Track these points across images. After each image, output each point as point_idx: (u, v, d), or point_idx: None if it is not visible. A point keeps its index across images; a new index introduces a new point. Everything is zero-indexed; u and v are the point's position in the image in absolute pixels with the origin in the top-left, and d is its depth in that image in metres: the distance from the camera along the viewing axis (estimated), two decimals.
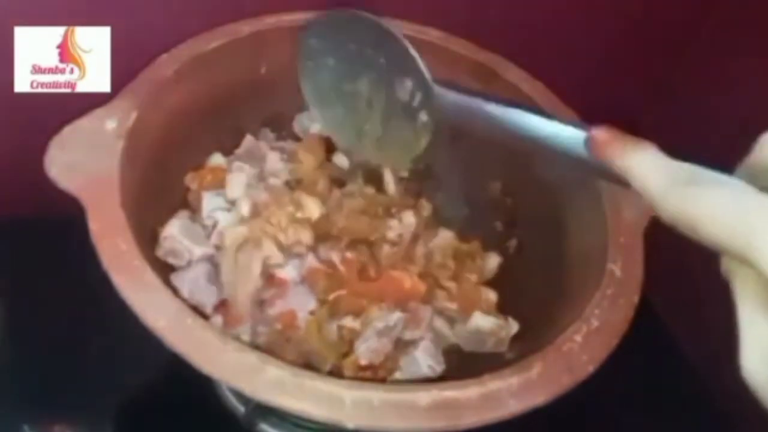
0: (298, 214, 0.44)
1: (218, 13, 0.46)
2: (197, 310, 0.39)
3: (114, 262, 0.33)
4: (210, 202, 0.45)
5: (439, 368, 0.42)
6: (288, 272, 0.42)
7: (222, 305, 0.42)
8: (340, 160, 0.53)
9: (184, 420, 0.48)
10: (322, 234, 0.44)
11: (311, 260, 0.43)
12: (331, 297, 0.42)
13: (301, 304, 0.42)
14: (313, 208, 0.44)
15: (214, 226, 0.43)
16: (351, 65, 0.39)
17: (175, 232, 0.41)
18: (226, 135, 0.50)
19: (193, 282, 0.41)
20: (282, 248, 0.43)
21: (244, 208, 0.44)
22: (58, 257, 0.52)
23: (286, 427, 0.45)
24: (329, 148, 0.52)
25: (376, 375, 0.41)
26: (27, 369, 0.49)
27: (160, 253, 0.41)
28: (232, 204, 0.45)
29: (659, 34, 0.60)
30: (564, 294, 0.40)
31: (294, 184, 0.48)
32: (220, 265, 0.42)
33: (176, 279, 0.41)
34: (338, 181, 0.50)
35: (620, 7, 0.57)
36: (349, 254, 0.44)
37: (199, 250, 0.42)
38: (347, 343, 0.42)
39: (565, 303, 0.39)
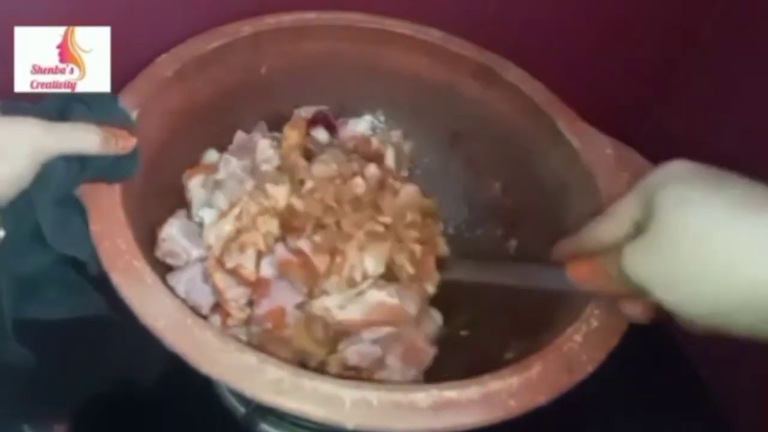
0: (266, 203, 0.43)
1: (218, 13, 0.46)
2: (194, 311, 0.39)
3: (114, 262, 0.33)
4: (197, 201, 0.45)
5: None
6: (264, 269, 0.41)
7: (218, 306, 0.42)
8: (320, 134, 0.52)
9: (184, 420, 0.48)
10: (289, 223, 0.43)
11: (281, 252, 0.42)
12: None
13: (288, 299, 0.41)
14: (278, 196, 0.43)
15: (202, 224, 0.43)
16: None
17: (173, 232, 0.41)
18: (226, 135, 0.50)
19: (189, 282, 0.41)
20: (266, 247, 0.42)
21: (222, 202, 0.43)
22: None
23: (286, 427, 0.45)
24: (310, 124, 0.51)
25: (360, 375, 0.40)
26: (27, 369, 0.48)
27: (158, 254, 0.41)
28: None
29: (660, 33, 0.60)
30: (564, 294, 0.40)
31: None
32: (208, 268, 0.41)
33: (172, 279, 0.41)
34: (314, 154, 0.49)
35: (621, 6, 0.57)
36: (317, 238, 0.42)
37: (196, 251, 0.42)
38: (334, 341, 0.41)
39: (565, 303, 0.39)
